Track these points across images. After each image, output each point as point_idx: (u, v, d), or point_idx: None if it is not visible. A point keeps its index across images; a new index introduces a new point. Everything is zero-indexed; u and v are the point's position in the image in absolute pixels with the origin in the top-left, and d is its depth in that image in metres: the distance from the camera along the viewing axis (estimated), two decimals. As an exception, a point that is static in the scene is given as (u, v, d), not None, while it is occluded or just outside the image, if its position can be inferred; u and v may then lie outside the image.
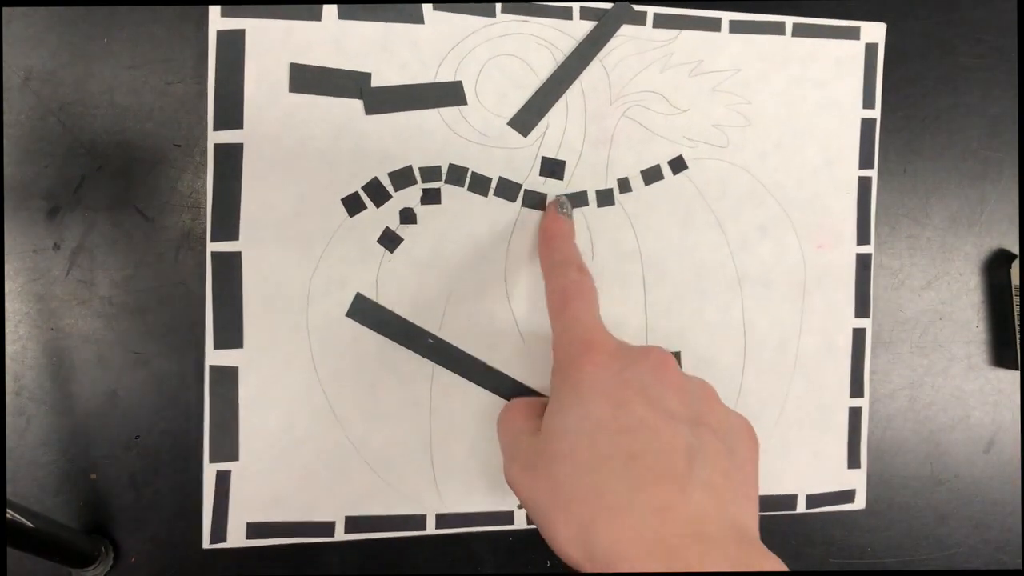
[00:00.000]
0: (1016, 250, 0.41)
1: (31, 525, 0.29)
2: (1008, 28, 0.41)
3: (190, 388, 0.34)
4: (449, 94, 0.36)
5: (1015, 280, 0.40)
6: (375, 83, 0.35)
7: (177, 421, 0.34)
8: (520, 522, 0.36)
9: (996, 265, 0.41)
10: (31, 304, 0.33)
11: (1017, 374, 0.41)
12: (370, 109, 0.35)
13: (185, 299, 0.34)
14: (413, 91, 0.35)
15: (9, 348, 0.33)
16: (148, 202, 0.34)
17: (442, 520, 0.36)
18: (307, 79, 0.34)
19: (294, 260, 0.34)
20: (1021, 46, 0.41)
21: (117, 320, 0.34)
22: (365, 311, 0.35)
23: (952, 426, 0.41)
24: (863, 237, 0.40)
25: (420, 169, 0.35)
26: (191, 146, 0.34)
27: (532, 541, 0.37)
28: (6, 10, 0.33)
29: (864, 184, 0.40)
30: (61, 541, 0.31)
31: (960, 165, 0.41)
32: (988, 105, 0.41)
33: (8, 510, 0.28)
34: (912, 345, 0.41)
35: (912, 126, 0.41)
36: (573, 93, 0.37)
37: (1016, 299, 0.40)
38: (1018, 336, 0.40)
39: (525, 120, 0.36)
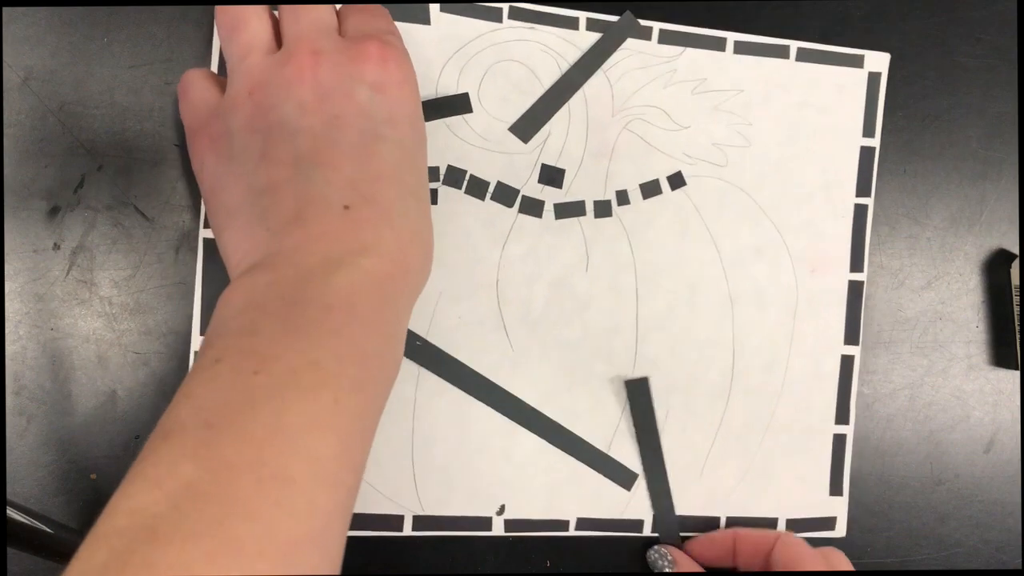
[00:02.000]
0: (1016, 250, 0.41)
1: (31, 525, 0.29)
2: (1008, 28, 0.41)
3: (190, 388, 0.34)
4: (456, 106, 0.35)
5: (1015, 280, 0.40)
6: None
7: (177, 421, 0.34)
8: (498, 529, 0.36)
9: (996, 265, 0.41)
10: (31, 304, 0.33)
11: (1017, 374, 0.41)
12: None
13: (185, 299, 0.34)
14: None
15: (9, 348, 0.33)
16: (148, 202, 0.34)
17: (419, 522, 0.35)
18: None
19: None
20: (1021, 46, 0.41)
21: (117, 320, 0.34)
22: None
23: (952, 426, 0.41)
24: (856, 264, 0.40)
25: None
26: (191, 146, 0.34)
27: (532, 541, 0.37)
28: (6, 10, 0.33)
29: (860, 211, 0.40)
30: (61, 541, 0.31)
31: (960, 165, 0.41)
32: (988, 105, 0.41)
33: (8, 510, 0.28)
34: (912, 345, 0.41)
35: (912, 126, 0.41)
36: (576, 103, 0.37)
37: (1016, 299, 0.40)
38: (1018, 336, 0.40)
39: (526, 127, 0.36)
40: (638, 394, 0.37)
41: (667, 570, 0.36)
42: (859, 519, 0.40)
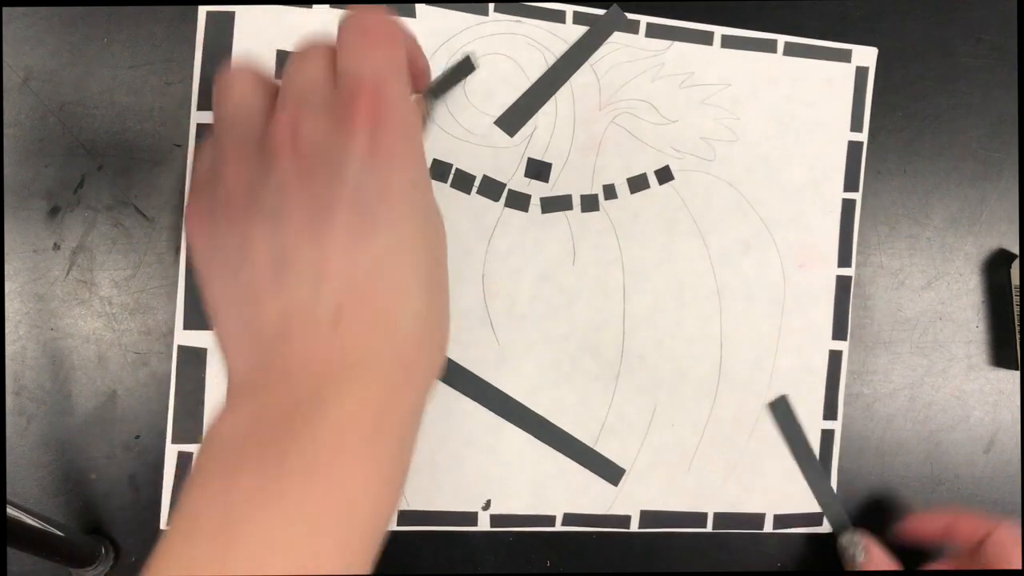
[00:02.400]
0: (1016, 250, 0.41)
1: (31, 525, 0.29)
2: (1008, 28, 0.41)
3: (190, 388, 0.34)
4: (461, 71, 0.36)
5: (1015, 280, 0.40)
6: None
7: (177, 421, 0.34)
8: (483, 524, 0.36)
9: (996, 265, 0.41)
10: (31, 304, 0.33)
11: (1017, 374, 0.41)
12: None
13: (185, 299, 0.34)
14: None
15: (9, 348, 0.33)
16: (148, 202, 0.34)
17: (404, 517, 0.35)
18: None
19: None
20: (1021, 46, 0.41)
21: (117, 320, 0.34)
22: None
23: (952, 426, 0.41)
24: (844, 259, 0.40)
25: None
26: (189, 147, 0.34)
27: (532, 541, 0.37)
28: (6, 10, 0.33)
29: (848, 207, 0.40)
30: (61, 541, 0.31)
31: (960, 165, 0.41)
32: (988, 105, 0.41)
33: (8, 510, 0.28)
34: (912, 345, 0.41)
35: (912, 126, 0.41)
36: (563, 96, 0.37)
37: (1016, 299, 0.40)
38: (1018, 336, 0.40)
39: (512, 120, 0.36)
40: (782, 413, 0.38)
41: (859, 558, 0.37)
42: (859, 519, 0.40)
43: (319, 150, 0.22)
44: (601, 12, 0.37)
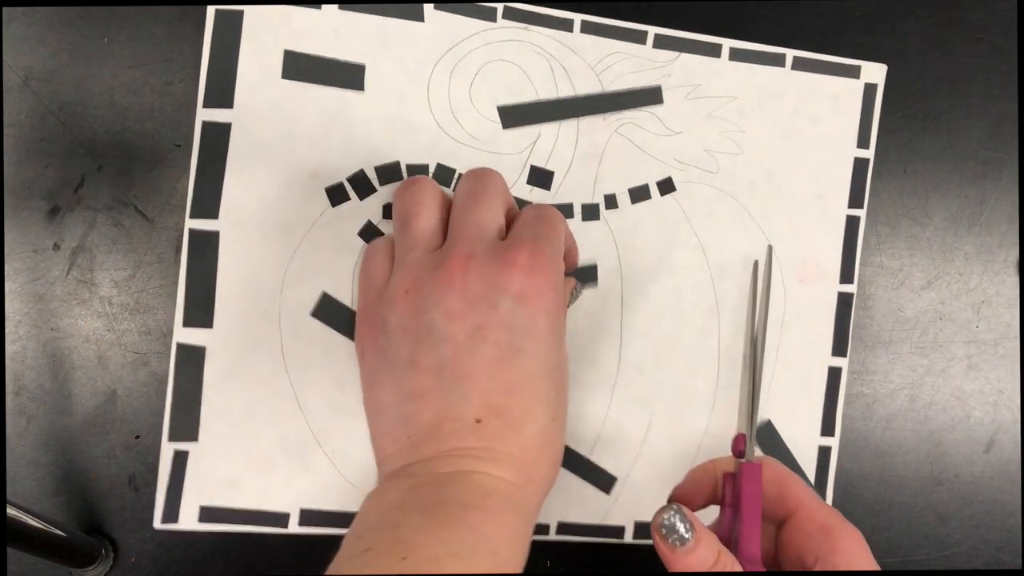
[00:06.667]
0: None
1: (31, 525, 0.29)
2: (1008, 28, 0.41)
3: (190, 388, 0.34)
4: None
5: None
6: (370, 76, 0.35)
7: (177, 421, 0.34)
8: None
9: None
10: (31, 304, 0.33)
11: (1017, 375, 0.41)
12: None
13: (185, 299, 0.34)
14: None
15: (9, 348, 0.33)
16: (148, 202, 0.34)
17: None
18: (300, 67, 0.34)
19: (272, 245, 0.34)
20: (1021, 46, 0.41)
21: (117, 320, 0.34)
22: (331, 311, 0.35)
23: (952, 426, 0.41)
24: (847, 276, 0.39)
25: (407, 166, 0.35)
26: (191, 146, 0.34)
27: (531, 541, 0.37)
28: (6, 10, 0.33)
29: (852, 223, 0.39)
30: (61, 541, 0.31)
31: (960, 165, 0.41)
32: (988, 105, 0.41)
33: (8, 510, 0.28)
34: (912, 345, 0.41)
35: (912, 126, 0.41)
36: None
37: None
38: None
39: (515, 115, 0.36)
40: (767, 438, 0.38)
41: (687, 539, 0.26)
42: (859, 519, 0.40)
43: (482, 286, 0.28)
44: (608, 22, 0.37)
